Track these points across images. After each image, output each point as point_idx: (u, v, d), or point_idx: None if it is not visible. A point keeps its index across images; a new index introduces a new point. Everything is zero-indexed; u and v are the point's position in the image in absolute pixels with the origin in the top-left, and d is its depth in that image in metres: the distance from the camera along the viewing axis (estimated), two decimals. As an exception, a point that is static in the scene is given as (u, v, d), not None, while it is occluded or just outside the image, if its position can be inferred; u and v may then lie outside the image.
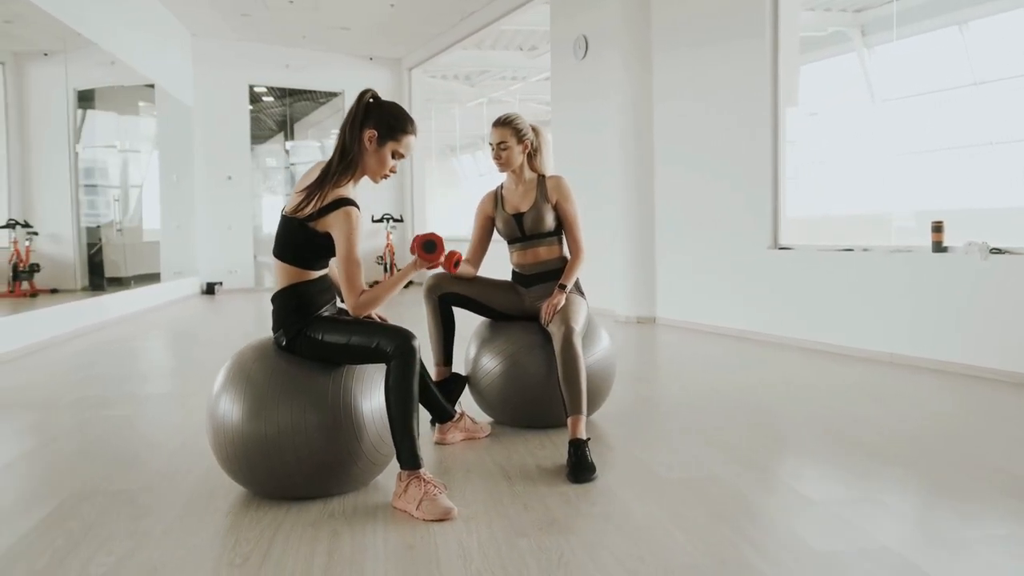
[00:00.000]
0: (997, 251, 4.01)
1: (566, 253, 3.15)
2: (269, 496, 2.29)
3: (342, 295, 2.33)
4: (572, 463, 2.48)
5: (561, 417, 2.74)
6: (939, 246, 4.30)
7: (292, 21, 9.67)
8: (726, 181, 5.77)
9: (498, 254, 3.21)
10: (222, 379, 2.30)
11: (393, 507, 2.20)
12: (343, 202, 2.26)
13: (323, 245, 2.30)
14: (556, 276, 3.08)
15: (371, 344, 2.23)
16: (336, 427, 2.21)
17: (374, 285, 2.33)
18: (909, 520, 2.19)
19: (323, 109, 12.43)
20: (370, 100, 2.37)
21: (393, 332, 2.24)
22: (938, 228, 4.31)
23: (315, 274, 2.36)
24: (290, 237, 2.32)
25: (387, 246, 11.00)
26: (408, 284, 2.54)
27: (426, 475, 2.18)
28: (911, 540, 2.01)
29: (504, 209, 3.14)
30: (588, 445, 2.54)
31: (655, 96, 6.48)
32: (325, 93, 11.88)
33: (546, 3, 7.96)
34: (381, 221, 11.03)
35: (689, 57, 6.10)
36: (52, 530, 2.08)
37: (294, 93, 11.97)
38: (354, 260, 2.25)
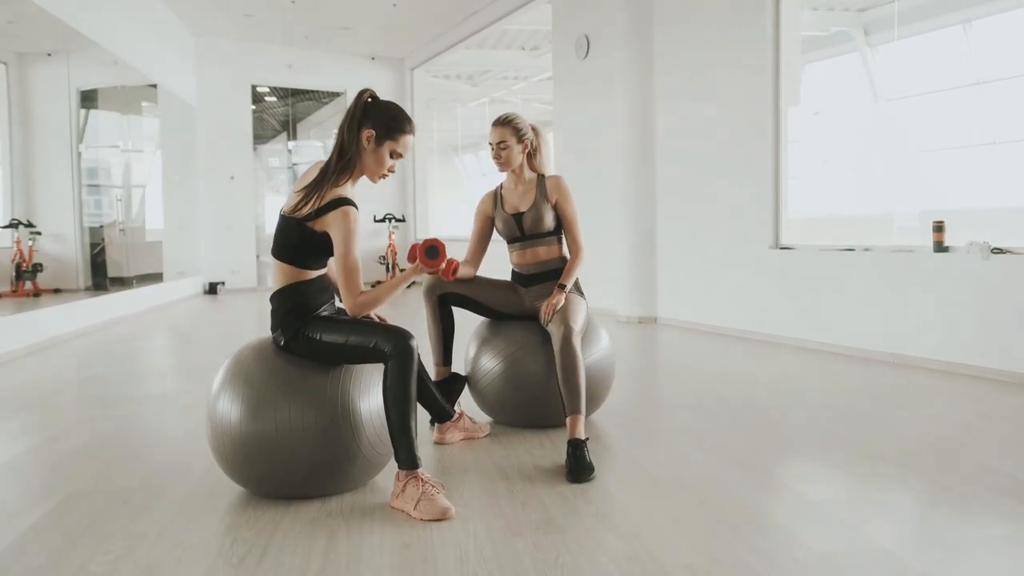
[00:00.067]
0: (998, 251, 4.00)
1: (566, 253, 3.15)
2: (267, 496, 2.30)
3: (340, 295, 2.33)
4: (570, 463, 2.47)
5: (560, 417, 2.74)
6: (940, 246, 4.29)
7: (294, 21, 9.68)
8: (728, 181, 5.77)
9: (498, 254, 3.21)
10: (221, 379, 2.31)
11: (391, 507, 2.20)
12: (341, 202, 2.26)
13: (321, 245, 2.30)
14: (556, 276, 3.08)
15: (369, 344, 2.23)
16: (334, 427, 2.21)
17: (376, 285, 2.33)
18: (908, 521, 2.18)
19: (326, 109, 12.43)
20: (368, 100, 2.37)
21: (391, 332, 2.24)
22: (939, 228, 4.30)
23: (313, 274, 2.36)
24: (288, 237, 2.32)
25: (389, 246, 11.00)
26: (410, 284, 2.54)
27: (424, 475, 2.18)
28: (910, 541, 2.01)
29: (504, 209, 3.14)
30: (587, 445, 2.54)
31: (656, 96, 6.47)
32: (328, 93, 11.89)
33: (548, 3, 7.95)
34: (383, 221, 11.03)
35: (691, 56, 6.09)
36: (50, 529, 2.09)
37: (297, 93, 11.97)
38: (352, 260, 2.25)
